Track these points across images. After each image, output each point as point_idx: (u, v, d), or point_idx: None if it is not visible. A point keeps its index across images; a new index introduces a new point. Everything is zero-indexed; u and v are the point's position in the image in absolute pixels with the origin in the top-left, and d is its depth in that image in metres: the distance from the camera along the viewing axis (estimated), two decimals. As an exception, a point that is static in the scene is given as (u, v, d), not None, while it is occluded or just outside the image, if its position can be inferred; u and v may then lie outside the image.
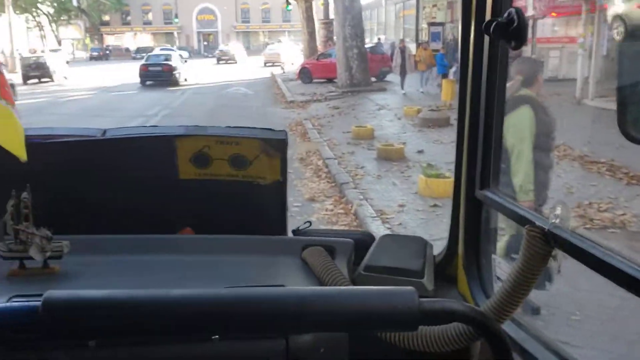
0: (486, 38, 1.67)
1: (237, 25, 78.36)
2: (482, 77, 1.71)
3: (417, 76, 21.69)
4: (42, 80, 33.86)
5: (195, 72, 37.34)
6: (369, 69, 23.09)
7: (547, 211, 1.39)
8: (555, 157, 9.72)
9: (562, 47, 20.31)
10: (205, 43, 78.55)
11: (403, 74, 21.52)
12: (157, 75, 30.73)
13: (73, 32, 74.18)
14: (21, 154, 1.83)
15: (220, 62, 55.86)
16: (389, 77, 26.01)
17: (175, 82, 30.72)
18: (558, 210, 1.34)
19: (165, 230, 2.05)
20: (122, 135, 2.22)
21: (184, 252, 1.94)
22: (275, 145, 2.08)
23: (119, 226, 2.00)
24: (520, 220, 1.48)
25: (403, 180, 9.43)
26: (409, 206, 7.88)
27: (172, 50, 59.83)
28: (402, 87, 21.53)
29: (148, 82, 30.72)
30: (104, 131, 2.19)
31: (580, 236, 1.29)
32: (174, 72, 31.22)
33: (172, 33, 77.09)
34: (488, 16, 1.64)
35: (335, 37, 24.84)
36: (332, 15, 27.09)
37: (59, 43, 73.19)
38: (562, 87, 16.82)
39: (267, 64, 44.88)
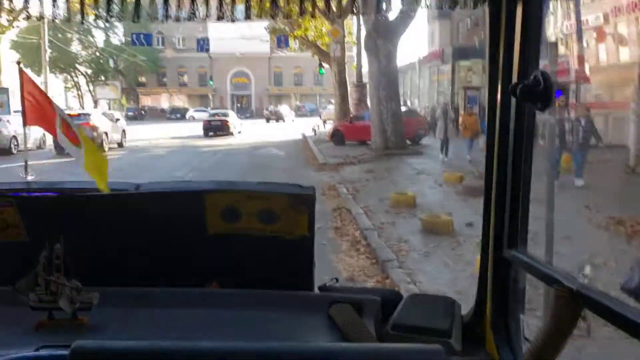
0: (513, 100, 1.69)
1: (271, 88, 78.98)
2: (509, 138, 1.73)
3: (458, 142, 20.87)
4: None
5: (245, 129, 43.34)
6: (405, 132, 22.74)
7: (576, 271, 1.44)
8: (623, 233, 8.59)
9: (609, 113, 19.26)
10: (239, 105, 79.26)
11: (446, 139, 20.52)
12: (218, 128, 38.60)
13: (109, 92, 75.46)
14: (104, 187, 2.06)
15: (270, 120, 59.03)
16: (424, 141, 25.79)
17: (230, 133, 38.51)
18: (587, 270, 1.41)
19: (194, 284, 2.08)
20: (155, 190, 2.27)
21: (211, 306, 1.96)
22: (304, 201, 2.10)
23: (148, 279, 2.04)
24: (549, 280, 1.47)
25: (455, 259, 8.15)
26: (467, 293, 6.76)
27: (208, 111, 61.13)
28: (445, 154, 20.40)
29: (210, 133, 38.06)
30: (138, 185, 2.24)
31: (610, 297, 1.27)
32: (229, 125, 39.22)
33: (206, 95, 77.90)
34: (514, 79, 1.67)
35: (369, 100, 24.45)
36: (365, 78, 26.47)
37: (96, 103, 74.61)
38: (611, 154, 16.19)
39: (326, 122, 45.09)
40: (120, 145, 28.52)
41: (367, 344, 1.60)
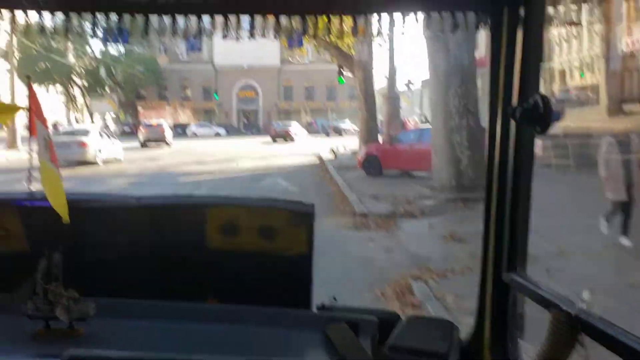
0: (512, 123, 1.70)
1: (280, 103, 71.13)
2: (508, 161, 1.73)
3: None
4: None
5: (246, 149, 36.11)
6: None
7: (575, 296, 1.36)
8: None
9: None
10: (245, 121, 71.41)
11: (628, 201, 8.71)
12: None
13: (106, 105, 68.08)
14: (65, 214, 1.93)
15: (277, 140, 47.63)
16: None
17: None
18: (585, 296, 1.33)
19: (191, 297, 2.05)
20: (155, 203, 2.22)
21: (208, 320, 1.95)
22: (303, 218, 2.07)
23: (147, 291, 2.03)
24: (547, 304, 1.46)
25: None
26: None
27: (211, 126, 56.25)
28: (624, 230, 8.67)
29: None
30: (139, 198, 2.18)
31: (609, 322, 1.26)
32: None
33: (211, 109, 70.31)
34: (514, 101, 1.68)
35: (430, 111, 16.23)
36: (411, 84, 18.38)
37: (92, 116, 67.26)
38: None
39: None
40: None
41: None
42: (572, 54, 42.32)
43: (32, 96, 2.17)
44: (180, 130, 63.56)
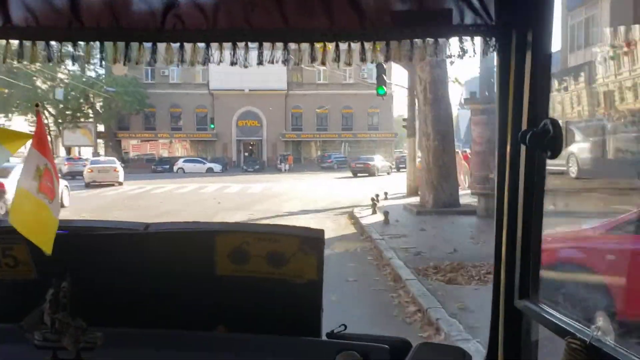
0: (523, 147, 1.67)
1: (287, 134, 59.29)
2: (518, 186, 1.70)
3: None
4: None
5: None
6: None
7: (589, 323, 1.34)
8: None
9: None
10: (246, 154, 59.51)
11: None
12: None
13: (81, 137, 56.52)
14: (46, 247, 1.83)
15: (359, 174, 42.98)
16: None
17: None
18: (600, 322, 1.38)
19: (200, 326, 2.04)
20: (164, 230, 2.19)
21: (217, 349, 1.95)
22: (313, 244, 2.03)
23: (155, 320, 2.01)
24: (561, 331, 1.43)
25: None
26: None
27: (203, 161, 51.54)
28: None
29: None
30: (147, 225, 2.15)
31: (625, 350, 1.23)
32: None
33: (209, 141, 58.61)
34: (524, 126, 1.65)
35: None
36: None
37: (68, 150, 55.77)
38: None
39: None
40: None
41: None
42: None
43: (39, 124, 2.08)
44: (168, 166, 52.13)
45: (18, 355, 1.81)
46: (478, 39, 1.73)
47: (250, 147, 60.36)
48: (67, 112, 54.57)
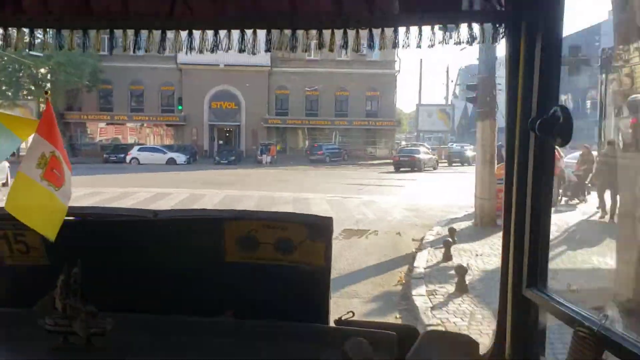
0: (532, 135, 1.65)
1: (270, 119, 49.04)
2: (527, 173, 1.68)
3: None
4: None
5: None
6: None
7: (597, 312, 1.32)
8: None
9: None
10: (221, 142, 49.19)
11: None
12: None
13: (17, 117, 45.85)
14: (50, 234, 1.90)
15: (402, 169, 37.62)
16: None
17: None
18: (608, 311, 1.30)
19: (209, 312, 2.04)
20: (173, 217, 2.24)
21: (226, 335, 1.95)
22: (321, 231, 2.04)
23: (164, 305, 2.03)
24: (569, 320, 1.43)
25: None
26: None
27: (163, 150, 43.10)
28: None
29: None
30: (156, 213, 2.18)
31: (632, 338, 1.22)
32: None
33: (177, 125, 48.36)
34: (534, 113, 1.63)
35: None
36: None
37: None
38: None
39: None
40: None
41: None
42: None
43: (47, 111, 2.11)
44: (123, 155, 41.84)
45: (30, 339, 1.81)
46: (488, 26, 1.72)
47: (227, 134, 50.06)
48: (3, 88, 44.03)
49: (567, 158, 16.82)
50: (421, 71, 20.32)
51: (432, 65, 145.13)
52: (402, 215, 15.65)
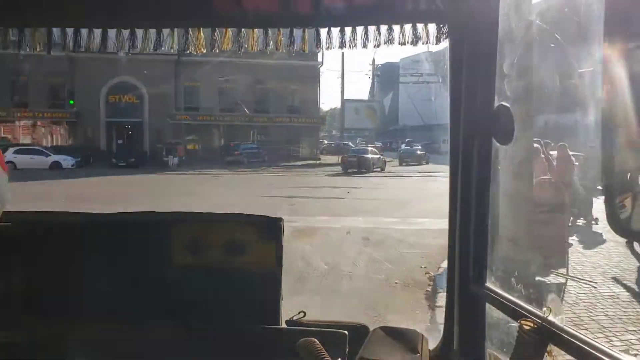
0: (475, 133, 1.67)
1: (178, 115, 42.97)
2: (472, 173, 1.69)
3: None
4: None
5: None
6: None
7: (542, 305, 1.34)
8: None
9: None
10: (120, 141, 42.62)
11: None
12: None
13: None
14: None
15: (350, 170, 35.50)
16: None
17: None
18: (551, 304, 1.31)
19: (158, 316, 1.97)
20: (122, 220, 2.15)
21: (176, 340, 1.90)
22: (271, 231, 2.02)
23: (115, 311, 1.95)
24: (515, 314, 1.44)
25: None
26: None
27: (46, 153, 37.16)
28: None
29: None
30: (105, 215, 2.11)
31: (575, 331, 1.25)
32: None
33: (69, 122, 41.59)
34: (476, 112, 1.65)
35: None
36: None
37: None
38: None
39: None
40: None
41: None
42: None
43: None
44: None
45: None
46: (432, 27, 1.75)
47: (128, 133, 43.51)
48: None
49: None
50: (343, 64, 18.48)
51: (349, 60, 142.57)
52: (373, 269, 9.36)
